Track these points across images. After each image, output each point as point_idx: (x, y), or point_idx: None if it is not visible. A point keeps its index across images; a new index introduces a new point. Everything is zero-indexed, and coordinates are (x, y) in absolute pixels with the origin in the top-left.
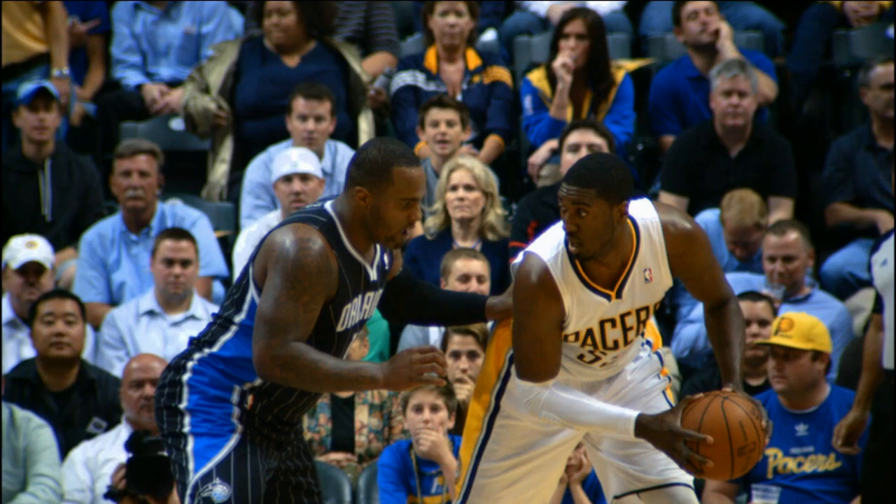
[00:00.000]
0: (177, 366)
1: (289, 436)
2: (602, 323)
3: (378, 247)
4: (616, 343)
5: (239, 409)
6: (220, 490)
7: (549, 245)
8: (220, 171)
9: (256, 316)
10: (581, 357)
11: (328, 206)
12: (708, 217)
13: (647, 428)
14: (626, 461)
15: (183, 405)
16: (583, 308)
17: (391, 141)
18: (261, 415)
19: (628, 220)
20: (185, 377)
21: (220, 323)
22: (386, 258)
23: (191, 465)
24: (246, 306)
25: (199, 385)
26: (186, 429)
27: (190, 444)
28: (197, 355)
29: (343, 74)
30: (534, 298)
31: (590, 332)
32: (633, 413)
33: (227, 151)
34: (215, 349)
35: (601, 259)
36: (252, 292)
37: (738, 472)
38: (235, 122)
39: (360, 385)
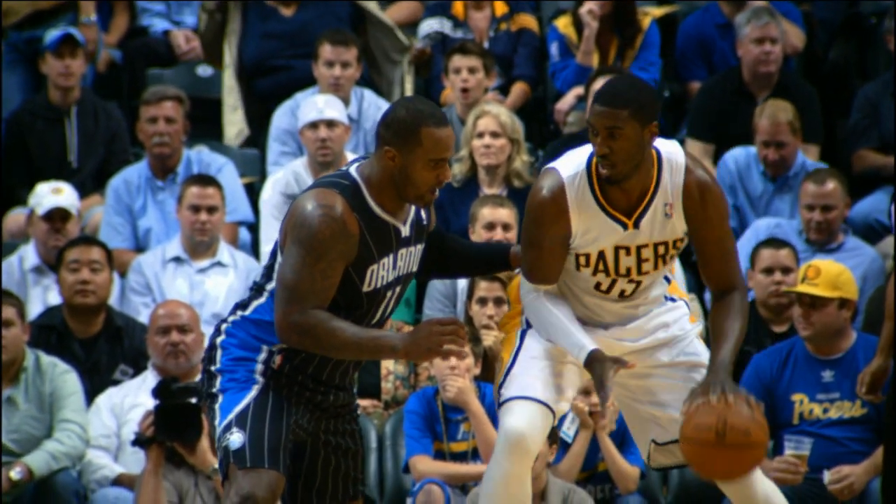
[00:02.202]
0: (217, 330)
1: (327, 397)
2: (617, 249)
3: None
4: (629, 270)
5: (264, 366)
6: (235, 437)
7: (572, 164)
8: (234, 119)
9: (276, 282)
10: (598, 287)
11: (353, 169)
12: (738, 153)
13: (593, 366)
14: (660, 408)
15: (215, 367)
16: (594, 231)
17: (420, 100)
18: (290, 374)
19: (652, 151)
20: (220, 339)
21: (255, 289)
22: (423, 213)
23: (216, 421)
24: (275, 274)
25: (230, 347)
26: (216, 389)
27: (218, 402)
28: (231, 318)
29: (351, 17)
30: (542, 211)
31: (602, 255)
32: (590, 346)
33: (233, 97)
34: (247, 312)
35: (622, 184)
36: (279, 260)
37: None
38: (247, 80)
39: (379, 354)
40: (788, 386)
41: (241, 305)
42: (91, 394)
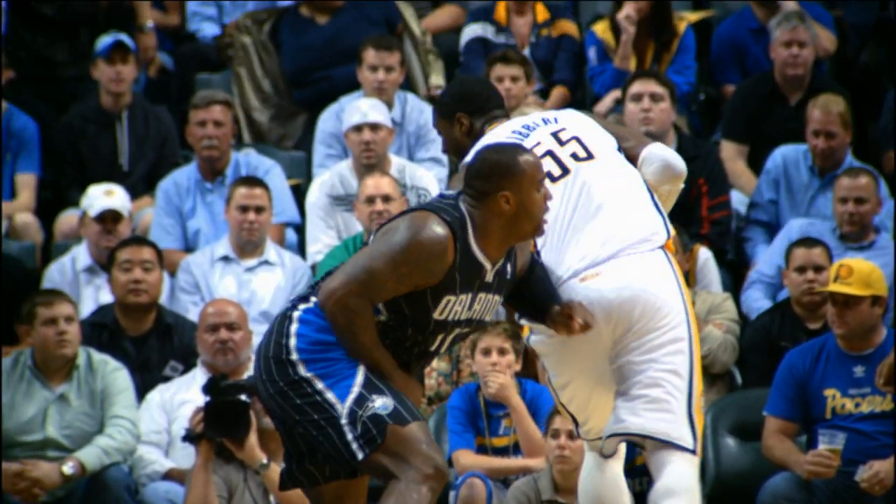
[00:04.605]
0: (283, 317)
1: None
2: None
3: (506, 255)
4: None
5: None
6: (381, 402)
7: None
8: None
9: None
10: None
11: (462, 204)
12: (788, 149)
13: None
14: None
15: (294, 356)
16: None
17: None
18: None
19: None
20: (293, 328)
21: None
22: (509, 267)
23: (332, 398)
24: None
25: (309, 333)
26: (308, 373)
27: (319, 384)
28: (302, 306)
29: (386, 22)
30: None
31: None
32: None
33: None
34: (312, 305)
35: None
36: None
37: None
38: (289, 89)
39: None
40: (821, 381)
41: (305, 297)
42: (142, 390)
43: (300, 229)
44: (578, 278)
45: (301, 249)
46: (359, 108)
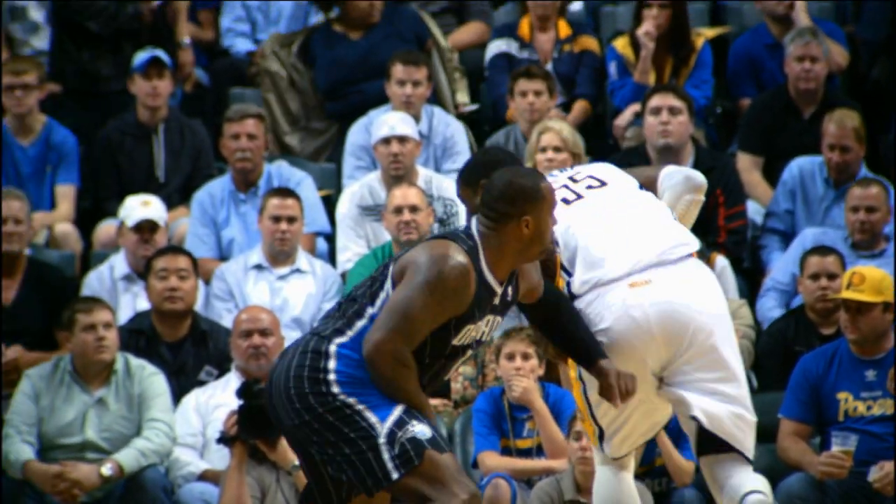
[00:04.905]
0: (316, 353)
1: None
2: None
3: (509, 277)
4: None
5: None
6: (420, 428)
7: None
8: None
9: (389, 304)
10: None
11: (474, 230)
12: (804, 160)
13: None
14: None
15: (336, 389)
16: None
17: (513, 162)
18: None
19: None
20: (332, 364)
21: (355, 310)
22: (510, 290)
23: (372, 417)
24: (379, 302)
25: (347, 369)
26: (350, 399)
27: (360, 406)
28: (338, 340)
29: (416, 39)
30: None
31: None
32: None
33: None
34: (353, 333)
35: None
36: (387, 290)
37: None
38: (320, 102)
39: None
40: (834, 385)
41: (339, 329)
42: (178, 394)
43: (330, 238)
44: (627, 283)
45: (331, 258)
46: (387, 122)
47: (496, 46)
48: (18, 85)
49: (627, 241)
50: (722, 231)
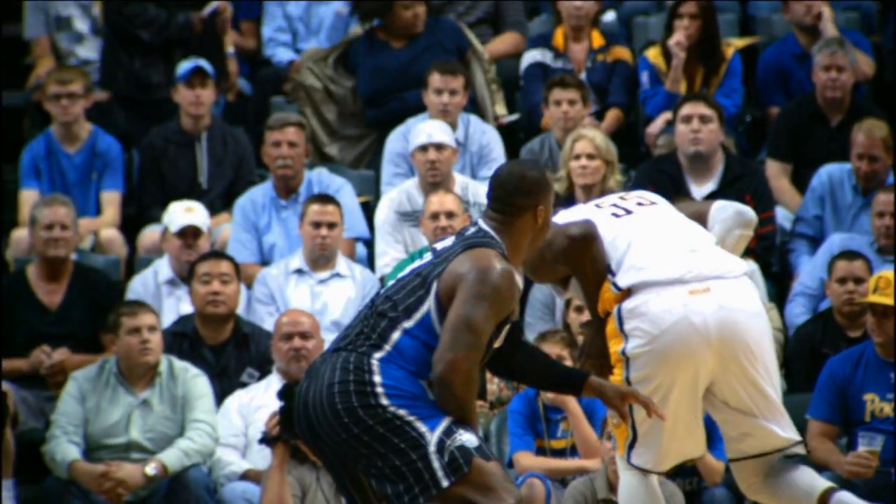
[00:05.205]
0: (358, 368)
1: None
2: None
3: None
4: None
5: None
6: (468, 437)
7: None
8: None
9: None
10: None
11: (487, 227)
12: (833, 167)
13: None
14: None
15: (385, 401)
16: None
17: (522, 156)
18: None
19: None
20: (377, 378)
21: (387, 325)
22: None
23: (421, 427)
24: (418, 316)
25: (393, 383)
26: (400, 411)
27: (409, 416)
28: (377, 355)
29: (457, 50)
30: None
31: None
32: None
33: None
34: (390, 347)
35: None
36: (429, 306)
37: None
38: (360, 108)
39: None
40: (860, 386)
41: (375, 343)
42: (220, 396)
43: (369, 244)
44: (687, 289)
45: (370, 263)
46: (424, 130)
47: (531, 56)
48: (65, 94)
49: (681, 250)
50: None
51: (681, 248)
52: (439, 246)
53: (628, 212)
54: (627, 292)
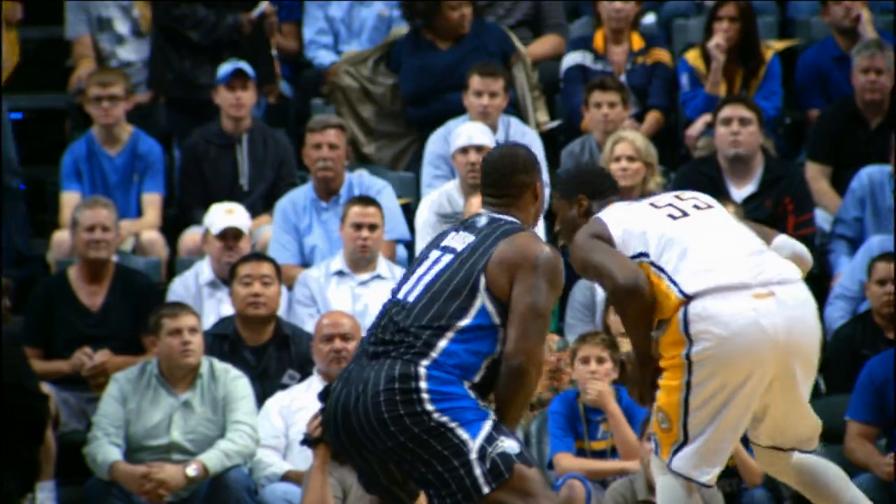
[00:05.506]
0: (405, 376)
1: None
2: None
3: None
4: None
5: (474, 395)
6: (509, 444)
7: None
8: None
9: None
10: None
11: (499, 215)
12: (873, 169)
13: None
14: None
15: (430, 407)
16: None
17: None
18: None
19: None
20: (423, 385)
21: (433, 333)
22: None
23: (465, 436)
24: (474, 311)
25: (438, 388)
26: (443, 418)
27: (452, 423)
28: (423, 362)
29: (502, 54)
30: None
31: None
32: None
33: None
34: (436, 354)
35: None
36: (482, 301)
37: None
38: (403, 106)
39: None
40: None
41: (420, 351)
42: (261, 397)
43: (410, 245)
44: (751, 293)
45: (411, 264)
46: (465, 132)
47: (571, 59)
48: (106, 96)
49: (744, 253)
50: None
51: (743, 252)
52: (456, 245)
53: (685, 214)
54: (692, 296)
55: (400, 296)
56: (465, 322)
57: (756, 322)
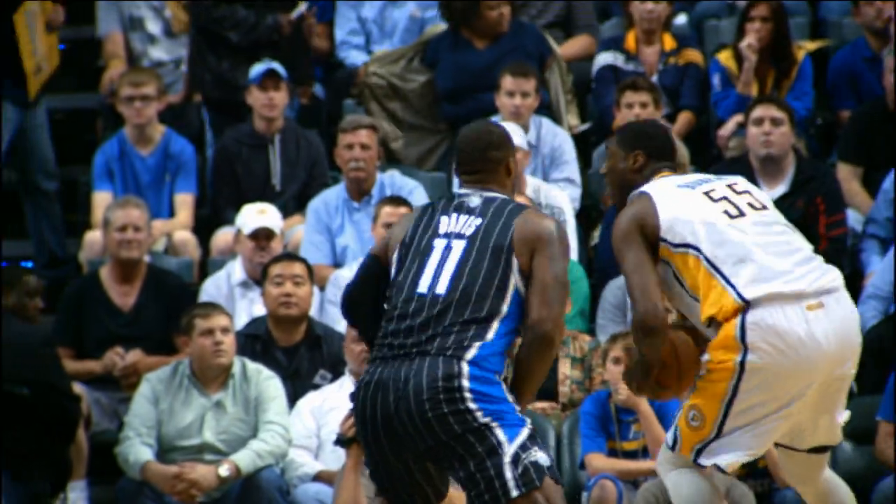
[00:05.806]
0: (448, 375)
1: None
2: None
3: None
4: None
5: (516, 405)
6: (542, 455)
7: None
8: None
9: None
10: None
11: (486, 193)
12: None
13: None
14: None
15: (473, 405)
16: None
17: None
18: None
19: None
20: (465, 383)
21: (476, 331)
22: None
23: (502, 437)
24: (509, 296)
25: (480, 388)
26: (486, 418)
27: (494, 423)
28: (467, 358)
29: (539, 55)
30: None
31: None
32: None
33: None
34: (474, 352)
35: None
36: (515, 280)
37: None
38: (438, 103)
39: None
40: None
41: (462, 348)
42: (293, 397)
43: None
44: (804, 304)
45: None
46: None
47: (603, 59)
48: (138, 96)
49: (799, 261)
50: (823, 239)
51: (798, 259)
52: (460, 229)
53: (741, 213)
54: (750, 302)
55: (421, 290)
56: (504, 307)
57: (811, 334)
